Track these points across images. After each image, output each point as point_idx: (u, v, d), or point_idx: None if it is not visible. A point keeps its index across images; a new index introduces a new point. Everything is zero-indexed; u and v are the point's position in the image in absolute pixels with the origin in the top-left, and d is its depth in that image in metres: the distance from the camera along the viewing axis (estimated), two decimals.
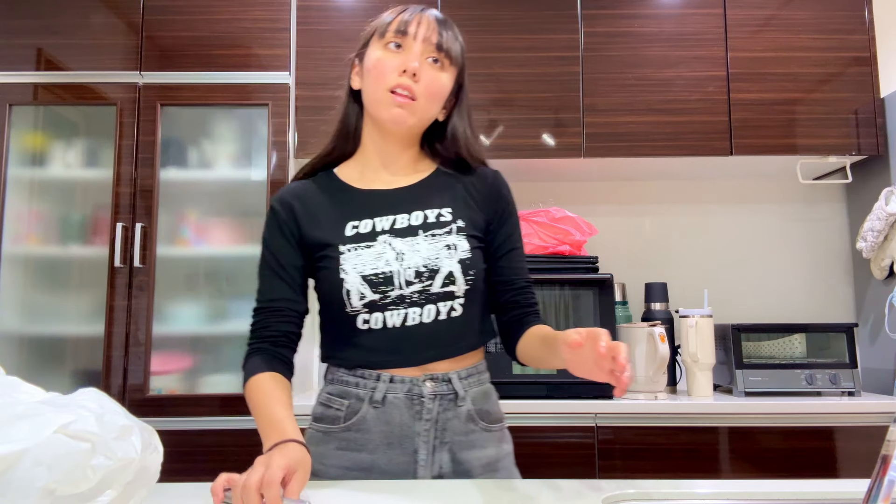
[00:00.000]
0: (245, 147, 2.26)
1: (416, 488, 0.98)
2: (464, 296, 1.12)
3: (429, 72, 1.12)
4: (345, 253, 1.11)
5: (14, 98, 2.21)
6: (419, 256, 1.10)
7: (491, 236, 1.20)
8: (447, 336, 1.12)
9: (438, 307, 1.11)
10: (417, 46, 1.12)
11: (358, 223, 1.13)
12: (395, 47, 1.12)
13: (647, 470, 1.94)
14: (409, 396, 1.09)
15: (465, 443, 1.11)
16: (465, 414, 1.12)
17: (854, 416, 1.96)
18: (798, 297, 2.58)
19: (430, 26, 1.13)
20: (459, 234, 1.14)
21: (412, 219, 1.14)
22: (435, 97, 1.14)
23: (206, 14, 2.26)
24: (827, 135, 2.28)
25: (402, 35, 1.12)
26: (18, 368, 2.13)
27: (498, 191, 1.22)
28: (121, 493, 0.70)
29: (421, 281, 1.10)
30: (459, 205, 1.17)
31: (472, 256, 1.13)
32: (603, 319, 2.13)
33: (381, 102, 1.12)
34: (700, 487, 0.97)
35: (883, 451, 0.62)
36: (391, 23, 1.13)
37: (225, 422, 2.05)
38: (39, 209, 2.23)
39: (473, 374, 1.15)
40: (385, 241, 1.11)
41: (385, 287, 1.09)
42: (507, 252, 1.21)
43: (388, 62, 1.11)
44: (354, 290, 1.09)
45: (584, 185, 2.65)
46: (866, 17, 2.32)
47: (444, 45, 1.13)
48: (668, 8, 2.34)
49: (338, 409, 1.12)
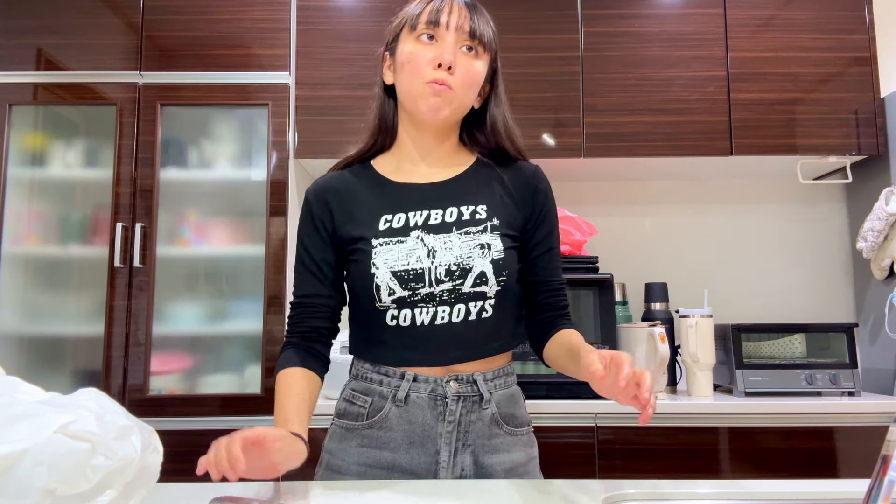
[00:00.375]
0: (245, 147, 2.26)
1: (416, 489, 0.98)
2: (495, 297, 1.10)
3: (464, 61, 1.10)
4: (377, 247, 1.09)
5: (14, 98, 2.21)
6: (451, 254, 1.08)
7: (528, 235, 1.17)
8: (476, 337, 1.10)
9: (469, 307, 1.09)
10: (451, 36, 1.10)
11: (391, 217, 1.12)
12: (427, 39, 1.10)
13: (647, 470, 1.93)
14: (433, 397, 1.08)
15: (489, 446, 1.09)
16: (490, 417, 1.10)
17: (854, 416, 1.96)
18: (798, 297, 2.58)
19: (462, 13, 1.11)
20: (494, 232, 1.11)
21: (446, 215, 1.12)
22: (471, 86, 1.12)
23: (206, 14, 2.26)
24: (827, 135, 2.28)
25: (433, 26, 1.10)
26: (18, 368, 2.13)
27: (536, 188, 1.19)
28: (121, 493, 0.70)
29: (452, 280, 1.08)
30: (496, 202, 1.15)
31: (505, 257, 1.10)
32: (603, 319, 2.13)
33: (418, 95, 1.10)
34: (700, 487, 0.97)
35: (883, 451, 0.62)
36: (421, 14, 1.11)
37: (225, 422, 2.04)
38: (39, 209, 2.23)
39: (500, 377, 1.13)
40: (417, 236, 1.10)
41: (415, 284, 1.07)
42: (543, 252, 1.18)
43: (422, 55, 1.09)
44: (384, 286, 1.08)
45: (584, 185, 2.65)
46: (866, 17, 2.32)
47: (477, 32, 1.11)
48: (668, 8, 2.34)
49: (361, 407, 1.11)
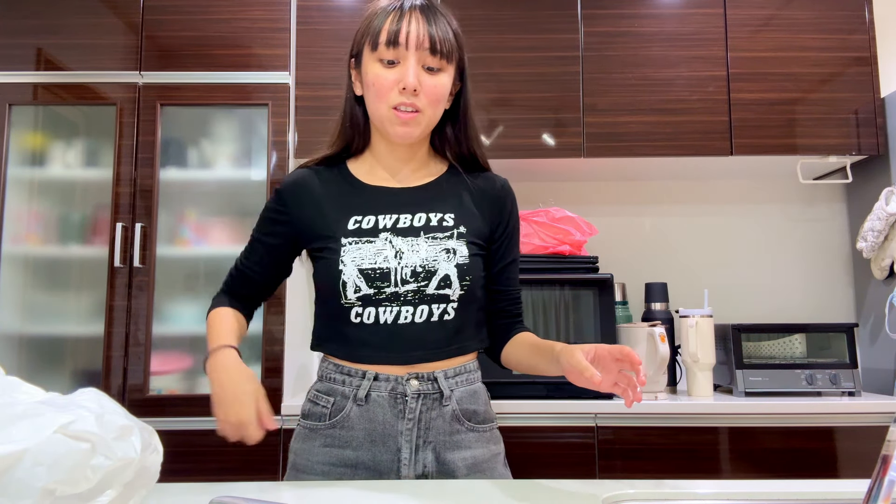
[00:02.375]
0: (245, 147, 2.26)
1: (422, 488, 0.98)
2: (458, 300, 1.13)
3: (428, 81, 1.11)
4: (345, 246, 1.12)
5: (14, 98, 2.21)
6: (417, 257, 1.12)
7: (494, 246, 1.22)
8: (437, 338, 1.12)
9: (432, 308, 1.11)
10: (412, 58, 1.10)
11: (361, 218, 1.15)
12: (388, 64, 1.11)
13: (647, 470, 1.93)
14: (393, 395, 1.10)
15: (450, 443, 1.11)
16: (450, 413, 1.12)
17: (854, 416, 1.96)
18: (798, 297, 2.58)
19: (421, 27, 1.10)
20: (460, 239, 1.15)
21: (415, 220, 1.15)
22: (439, 102, 1.14)
23: (205, 14, 2.26)
24: (827, 135, 2.28)
25: (393, 47, 1.10)
26: (18, 368, 2.13)
27: (504, 202, 1.23)
28: (121, 493, 0.70)
29: (417, 281, 1.11)
30: (464, 211, 1.18)
31: (469, 263, 1.13)
32: (603, 319, 2.13)
33: (385, 120, 1.12)
34: (700, 487, 0.97)
35: (883, 451, 0.62)
36: (380, 32, 1.11)
37: None
38: (39, 209, 2.23)
39: (461, 374, 1.15)
40: (386, 238, 1.13)
41: (381, 283, 1.10)
42: (508, 263, 1.23)
43: (385, 79, 1.10)
44: (350, 283, 1.10)
45: (584, 185, 2.65)
46: (866, 17, 2.32)
47: (437, 48, 1.11)
48: (668, 8, 2.34)
49: (324, 407, 1.14)
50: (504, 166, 2.41)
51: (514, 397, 2.00)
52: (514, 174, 2.54)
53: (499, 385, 2.04)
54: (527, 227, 2.25)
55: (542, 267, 2.18)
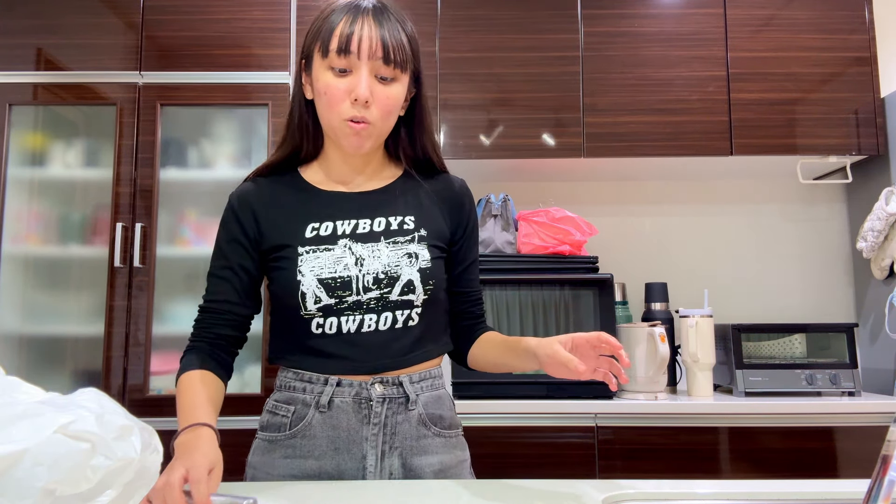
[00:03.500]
0: (245, 147, 2.26)
1: (423, 487, 0.98)
2: (422, 305, 1.10)
3: (380, 91, 1.06)
4: (303, 255, 1.08)
5: (14, 98, 2.21)
6: (379, 263, 1.08)
7: (455, 248, 1.19)
8: (402, 345, 1.09)
9: (396, 315, 1.09)
10: (364, 68, 1.04)
11: (318, 225, 1.11)
12: (339, 72, 1.05)
13: (647, 470, 1.93)
14: (357, 400, 1.07)
15: (416, 448, 1.09)
16: (417, 418, 1.09)
17: (854, 416, 1.96)
18: (798, 297, 2.58)
19: (374, 34, 1.04)
20: (421, 242, 1.12)
21: (375, 224, 1.12)
22: (391, 113, 1.09)
23: (205, 14, 2.26)
24: (827, 135, 2.28)
25: (345, 56, 1.04)
26: (18, 368, 2.13)
27: (463, 202, 1.20)
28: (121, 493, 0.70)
29: (379, 288, 1.08)
30: (424, 213, 1.15)
31: (432, 266, 1.11)
32: (603, 319, 2.13)
33: (338, 132, 1.08)
34: (700, 487, 0.97)
35: (883, 451, 0.62)
36: (331, 39, 1.05)
37: (224, 422, 2.03)
38: (39, 209, 2.23)
39: (426, 379, 1.12)
40: (345, 245, 1.09)
41: (342, 292, 1.07)
42: (469, 265, 1.21)
43: (337, 88, 1.05)
44: (310, 293, 1.06)
45: (584, 185, 2.65)
46: (866, 17, 2.32)
47: (391, 57, 1.05)
48: (668, 8, 2.34)
49: (283, 416, 1.09)
50: (504, 166, 2.41)
51: (514, 397, 2.00)
52: (514, 174, 2.56)
53: (499, 385, 2.04)
54: (527, 227, 2.25)
55: (542, 267, 2.18)
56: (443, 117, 2.30)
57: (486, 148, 2.29)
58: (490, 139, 2.30)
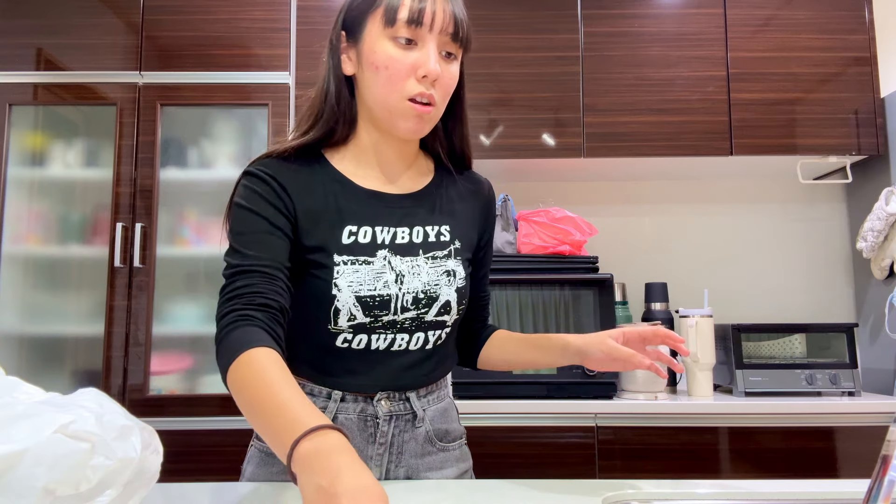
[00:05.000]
0: (245, 147, 2.26)
1: (422, 487, 0.98)
2: (452, 325, 1.06)
3: (445, 69, 0.97)
4: (339, 265, 0.97)
5: (14, 98, 2.21)
6: (419, 281, 1.00)
7: (480, 254, 1.15)
8: (429, 365, 1.05)
9: (427, 335, 1.02)
10: (432, 42, 0.95)
11: (356, 229, 1.00)
12: (405, 42, 0.95)
13: (647, 470, 1.93)
14: (363, 417, 1.00)
15: (422, 465, 1.04)
16: (423, 435, 1.04)
17: (854, 416, 1.96)
18: (798, 297, 2.58)
19: (447, 12, 0.96)
20: (457, 258, 1.05)
21: (413, 235, 1.03)
22: (448, 95, 1.01)
23: (205, 14, 2.26)
24: (827, 135, 2.28)
25: (415, 27, 0.94)
26: (18, 368, 2.13)
27: (491, 206, 1.16)
28: (121, 494, 0.70)
29: (417, 308, 1.00)
30: (458, 222, 1.08)
31: (465, 284, 1.06)
32: (603, 319, 2.13)
33: (397, 113, 0.97)
34: (700, 487, 0.97)
35: (883, 451, 0.62)
36: (400, 7, 0.94)
37: (225, 422, 2.05)
38: (39, 209, 2.23)
39: (434, 392, 1.07)
40: (384, 257, 0.99)
41: (379, 311, 0.98)
42: (486, 272, 1.19)
43: (402, 63, 0.94)
44: (345, 311, 0.96)
45: (584, 185, 2.65)
46: (866, 17, 2.32)
47: (460, 33, 0.97)
48: (668, 8, 2.34)
49: None
50: (504, 166, 2.41)
51: (514, 397, 2.00)
52: (514, 174, 2.56)
53: (499, 385, 2.04)
54: (527, 227, 2.25)
55: (542, 267, 2.18)
56: None
57: (486, 148, 2.29)
58: (490, 139, 2.30)
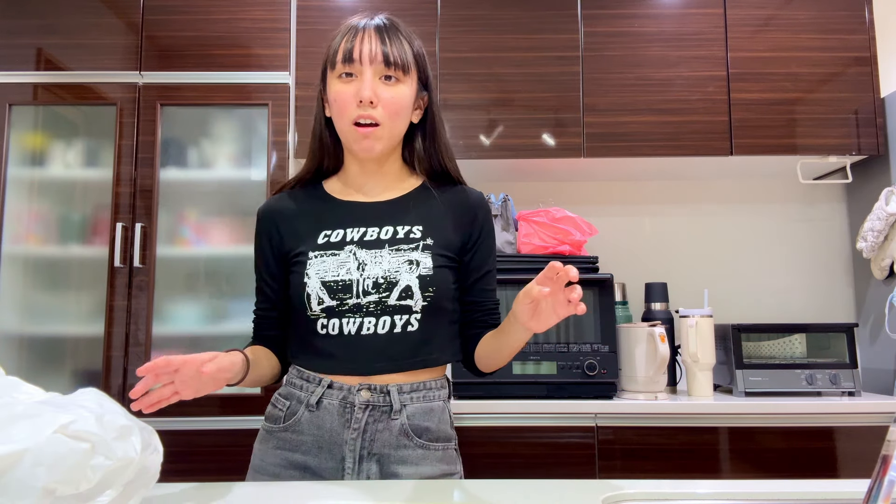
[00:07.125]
0: (245, 147, 2.26)
1: (422, 486, 0.98)
2: (421, 311, 1.14)
3: (385, 91, 1.14)
4: (312, 259, 1.16)
5: (14, 98, 2.21)
6: (379, 268, 1.14)
7: (467, 258, 1.22)
8: (400, 349, 1.13)
9: (394, 319, 1.13)
10: (367, 71, 1.13)
11: (330, 232, 1.18)
12: (346, 77, 1.14)
13: (647, 470, 1.93)
14: (343, 404, 1.12)
15: (395, 457, 1.11)
16: (398, 427, 1.12)
17: (854, 416, 1.96)
18: (798, 297, 2.58)
19: (375, 43, 1.14)
20: (425, 251, 1.15)
21: (382, 233, 1.17)
22: (398, 114, 1.16)
23: (205, 14, 2.26)
24: (827, 135, 2.28)
25: (349, 63, 1.14)
26: (18, 368, 2.13)
27: (476, 214, 1.24)
28: (121, 494, 0.70)
29: (378, 292, 1.12)
30: (434, 224, 1.19)
31: (434, 274, 1.14)
32: (603, 319, 2.13)
33: (349, 137, 1.15)
34: (700, 487, 0.97)
35: (883, 451, 0.62)
36: (337, 52, 1.15)
37: (225, 422, 2.05)
38: (39, 209, 2.23)
39: (420, 390, 1.15)
40: (350, 250, 1.15)
41: (343, 294, 1.13)
42: (482, 274, 1.23)
43: (345, 93, 1.13)
44: (314, 295, 1.13)
45: (584, 185, 2.65)
46: (866, 17, 2.32)
47: (391, 59, 1.14)
48: (668, 8, 2.34)
49: (280, 410, 1.16)
50: (504, 166, 2.41)
51: (514, 397, 2.00)
52: (514, 174, 2.56)
53: (499, 385, 2.04)
54: (527, 227, 2.25)
55: (542, 267, 2.17)
56: (443, 117, 2.29)
57: (486, 148, 2.29)
58: (490, 139, 2.30)
